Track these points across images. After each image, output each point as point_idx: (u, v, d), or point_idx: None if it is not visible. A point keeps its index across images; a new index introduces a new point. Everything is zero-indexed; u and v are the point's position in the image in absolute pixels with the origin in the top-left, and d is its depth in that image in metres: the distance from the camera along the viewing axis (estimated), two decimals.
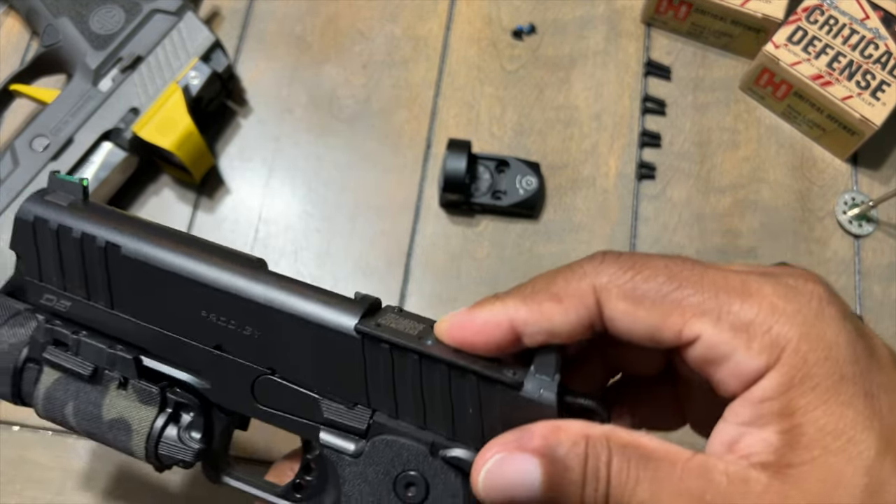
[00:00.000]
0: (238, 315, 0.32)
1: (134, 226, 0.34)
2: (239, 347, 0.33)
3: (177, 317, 0.34)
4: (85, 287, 0.34)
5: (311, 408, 0.32)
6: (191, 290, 0.33)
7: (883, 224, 0.61)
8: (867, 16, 0.62)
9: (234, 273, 0.32)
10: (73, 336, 0.35)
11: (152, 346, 0.35)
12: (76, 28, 0.59)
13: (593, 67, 0.65)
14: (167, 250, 0.33)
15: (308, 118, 0.63)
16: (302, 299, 0.31)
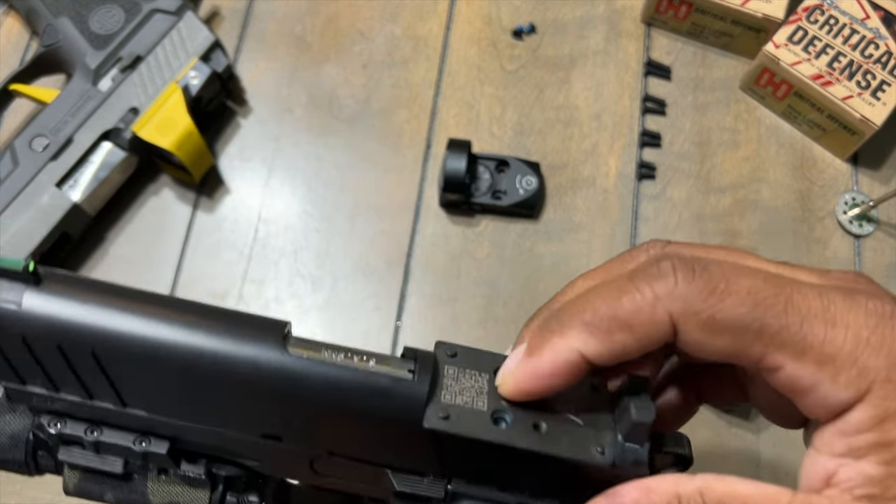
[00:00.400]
0: (275, 412, 0.28)
1: (115, 312, 0.26)
2: (289, 436, 0.28)
3: (205, 413, 0.28)
4: (84, 389, 0.28)
5: (379, 478, 0.29)
6: (210, 392, 0.27)
7: (883, 224, 0.61)
8: (867, 16, 0.62)
9: (255, 369, 0.26)
10: (88, 437, 0.29)
11: (184, 435, 0.29)
12: (76, 28, 0.58)
13: (593, 67, 0.65)
14: (174, 340, 0.26)
15: (308, 118, 0.63)
16: (351, 390, 0.26)
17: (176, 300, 0.27)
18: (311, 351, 0.26)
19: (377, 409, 0.26)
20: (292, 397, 0.26)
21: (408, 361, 0.27)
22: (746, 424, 0.55)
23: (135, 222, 0.59)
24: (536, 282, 0.58)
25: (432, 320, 0.57)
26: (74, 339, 0.26)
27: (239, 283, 0.58)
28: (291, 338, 0.27)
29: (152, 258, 0.58)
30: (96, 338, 0.26)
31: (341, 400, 0.26)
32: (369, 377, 0.26)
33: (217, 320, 0.27)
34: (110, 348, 0.26)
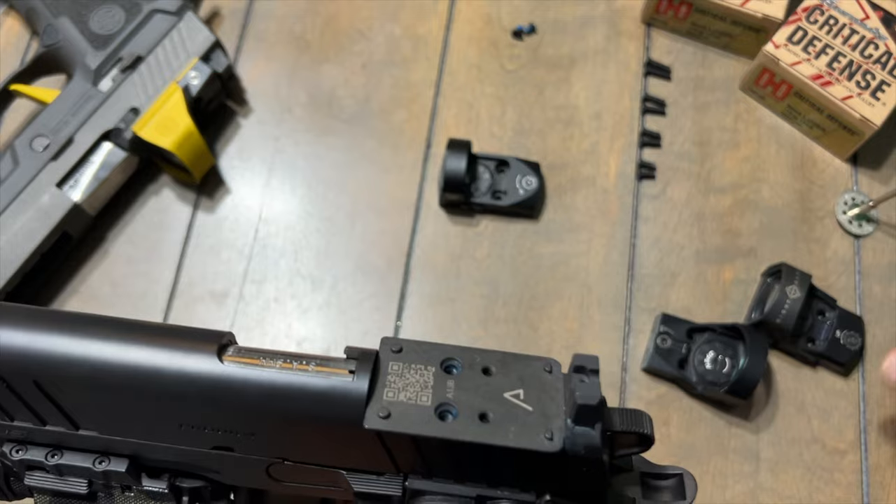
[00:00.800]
0: (220, 424, 0.28)
1: (50, 338, 0.27)
2: (240, 446, 0.29)
3: (155, 430, 0.29)
4: (35, 415, 0.29)
5: (336, 479, 0.29)
6: (153, 408, 0.28)
7: (883, 224, 0.61)
8: (867, 16, 0.62)
9: (193, 382, 0.26)
10: (49, 461, 0.30)
11: (140, 452, 0.30)
12: (76, 28, 0.59)
13: (593, 67, 0.65)
14: (109, 359, 0.27)
15: (308, 118, 0.63)
16: (288, 396, 0.26)
17: (112, 320, 0.28)
18: (246, 359, 0.27)
19: (317, 413, 0.26)
20: (231, 407, 0.27)
21: (349, 362, 0.27)
22: (746, 424, 0.55)
23: (135, 222, 0.59)
24: (536, 282, 0.58)
25: (432, 320, 0.57)
26: (14, 370, 0.26)
27: (239, 282, 0.58)
28: (230, 348, 0.27)
29: (153, 258, 0.58)
30: (34, 366, 0.26)
31: (279, 406, 0.26)
32: (306, 381, 0.26)
33: (152, 337, 0.27)
34: (50, 375, 0.26)
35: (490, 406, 0.27)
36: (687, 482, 0.29)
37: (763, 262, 0.59)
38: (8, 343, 0.26)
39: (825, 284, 0.59)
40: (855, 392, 0.56)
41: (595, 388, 0.26)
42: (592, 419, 0.26)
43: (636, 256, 0.59)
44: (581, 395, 0.26)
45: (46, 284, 0.57)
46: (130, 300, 0.57)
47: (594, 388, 0.26)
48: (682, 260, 0.59)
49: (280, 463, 0.29)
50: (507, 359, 0.28)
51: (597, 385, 0.26)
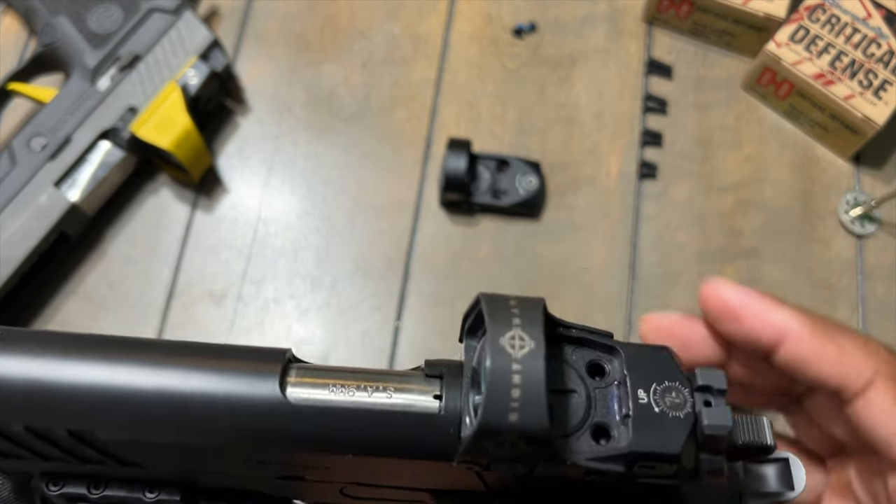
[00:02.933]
0: (287, 463, 0.24)
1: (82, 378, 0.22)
2: (310, 474, 0.25)
3: (214, 464, 0.25)
4: (73, 456, 0.24)
5: (418, 496, 0.26)
6: (208, 451, 0.24)
7: (885, 224, 0.61)
8: (869, 14, 0.62)
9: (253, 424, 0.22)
10: (93, 495, 0.26)
11: (194, 481, 0.26)
12: (74, 27, 0.58)
13: (594, 66, 0.65)
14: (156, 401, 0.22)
15: (307, 117, 0.62)
16: (366, 436, 0.23)
17: (148, 344, 0.24)
18: (314, 389, 0.23)
19: (401, 451, 0.23)
20: (301, 447, 0.23)
21: (432, 383, 0.23)
22: None
23: (133, 222, 0.59)
24: (537, 282, 0.57)
25: (432, 320, 0.57)
26: (42, 419, 0.22)
27: (238, 283, 0.57)
28: (291, 371, 0.23)
29: (151, 258, 0.58)
30: (67, 415, 0.22)
31: (357, 447, 0.23)
32: (387, 415, 0.22)
33: (202, 368, 0.23)
34: (85, 426, 0.22)
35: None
36: (794, 468, 0.26)
37: (765, 262, 0.59)
38: (32, 391, 0.22)
39: (827, 285, 0.59)
40: None
41: (725, 414, 0.22)
42: (719, 448, 0.23)
43: (637, 256, 0.59)
44: (710, 423, 0.22)
45: (44, 285, 0.57)
46: (128, 301, 0.57)
47: (724, 415, 0.22)
48: (683, 260, 0.59)
49: (356, 486, 0.26)
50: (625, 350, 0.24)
51: (726, 410, 0.22)
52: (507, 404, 0.20)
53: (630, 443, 0.22)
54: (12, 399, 0.22)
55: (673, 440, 0.22)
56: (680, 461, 0.22)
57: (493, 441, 0.21)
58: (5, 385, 0.22)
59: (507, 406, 0.20)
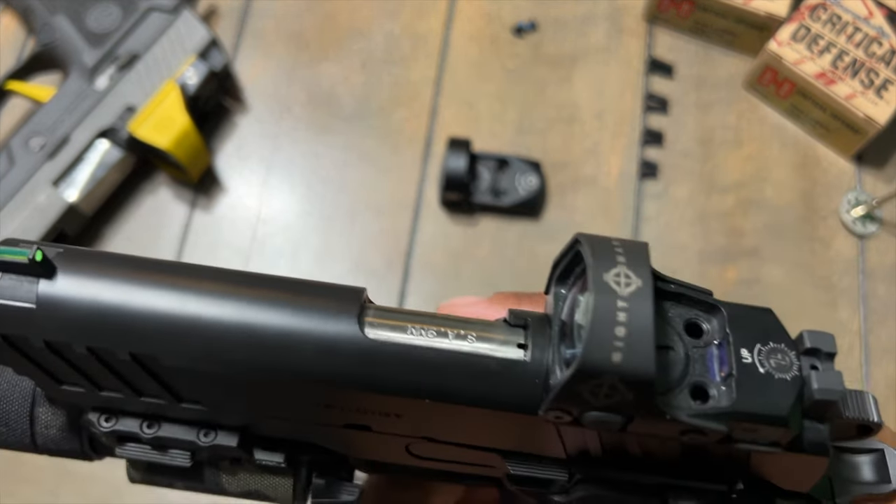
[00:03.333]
0: (360, 406, 0.23)
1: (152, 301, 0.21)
2: (379, 424, 0.24)
3: (277, 407, 0.24)
4: (130, 387, 0.23)
5: (488, 458, 0.25)
6: (280, 389, 0.23)
7: (887, 224, 0.60)
8: (871, 13, 0.62)
9: (331, 361, 0.21)
10: (145, 433, 0.25)
11: (255, 424, 0.25)
12: (72, 26, 0.58)
13: (595, 65, 0.64)
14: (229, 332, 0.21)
15: (307, 116, 0.62)
16: (447, 379, 0.21)
17: (223, 276, 0.22)
18: (393, 327, 0.22)
19: (482, 400, 0.21)
20: (378, 389, 0.22)
21: (516, 332, 0.22)
22: None
23: (132, 221, 0.59)
24: (537, 282, 0.57)
25: None
26: (106, 342, 0.21)
27: None
28: (369, 311, 0.22)
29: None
30: (131, 338, 0.21)
31: (435, 388, 0.21)
32: (469, 359, 0.21)
33: (277, 301, 0.22)
34: (151, 350, 0.21)
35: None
36: (890, 459, 0.24)
37: (766, 262, 0.59)
38: (99, 309, 0.21)
39: (828, 284, 0.58)
40: None
41: (836, 379, 0.21)
42: (825, 416, 0.21)
43: None
44: (820, 387, 0.20)
45: None
46: None
47: (835, 380, 0.21)
48: (684, 260, 0.59)
49: (424, 441, 0.25)
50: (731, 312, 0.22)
51: (837, 375, 0.21)
52: (610, 343, 0.19)
53: (734, 402, 0.20)
54: (76, 318, 0.21)
55: (780, 402, 0.20)
56: (787, 424, 0.20)
57: (592, 385, 0.19)
58: (69, 303, 0.21)
59: (611, 345, 0.19)
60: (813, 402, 0.21)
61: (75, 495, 0.51)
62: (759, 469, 0.22)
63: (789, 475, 0.23)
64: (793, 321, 0.63)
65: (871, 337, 0.57)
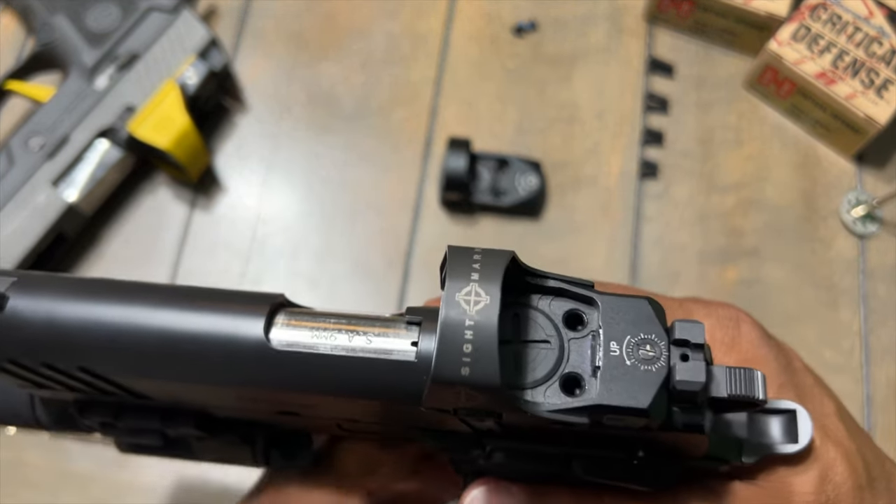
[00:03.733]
0: (277, 402, 0.26)
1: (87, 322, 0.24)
2: (304, 412, 0.27)
3: (213, 400, 0.27)
4: (92, 388, 0.27)
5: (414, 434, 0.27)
6: (206, 391, 0.25)
7: (887, 224, 0.60)
8: (871, 13, 0.61)
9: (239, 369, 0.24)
10: (118, 424, 0.29)
11: (207, 410, 0.28)
12: (72, 25, 0.58)
13: (595, 65, 0.64)
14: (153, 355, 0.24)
15: (307, 116, 0.62)
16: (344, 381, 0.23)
17: (151, 288, 0.25)
18: (298, 333, 0.23)
19: (376, 393, 0.23)
20: (284, 389, 0.24)
21: (412, 329, 0.24)
22: None
23: (131, 222, 0.59)
24: None
25: None
26: (55, 357, 0.24)
27: (237, 283, 0.57)
28: (280, 314, 0.24)
29: (149, 258, 0.58)
30: (76, 354, 0.24)
31: (335, 389, 0.23)
32: (363, 361, 0.23)
33: (197, 312, 0.24)
34: (94, 363, 0.24)
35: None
36: (801, 421, 0.26)
37: (766, 262, 0.59)
38: (43, 331, 0.24)
39: (829, 285, 0.58)
40: (859, 394, 0.56)
41: (699, 370, 0.22)
42: (695, 400, 0.22)
43: (638, 256, 0.59)
44: (681, 378, 0.22)
45: None
46: None
47: (698, 371, 0.22)
48: (684, 260, 0.59)
49: (350, 421, 0.27)
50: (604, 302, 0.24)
51: (702, 366, 0.22)
52: (458, 358, 0.21)
53: (597, 395, 0.21)
54: (27, 341, 0.24)
55: (642, 394, 0.21)
56: (649, 415, 0.21)
57: (449, 392, 0.21)
58: (19, 329, 0.24)
59: (459, 360, 0.21)
60: (677, 392, 0.22)
61: (75, 496, 0.51)
62: (656, 438, 0.23)
63: (680, 446, 0.24)
64: (793, 321, 0.63)
65: (871, 337, 0.57)
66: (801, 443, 0.25)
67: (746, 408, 0.24)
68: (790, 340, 0.30)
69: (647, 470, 0.25)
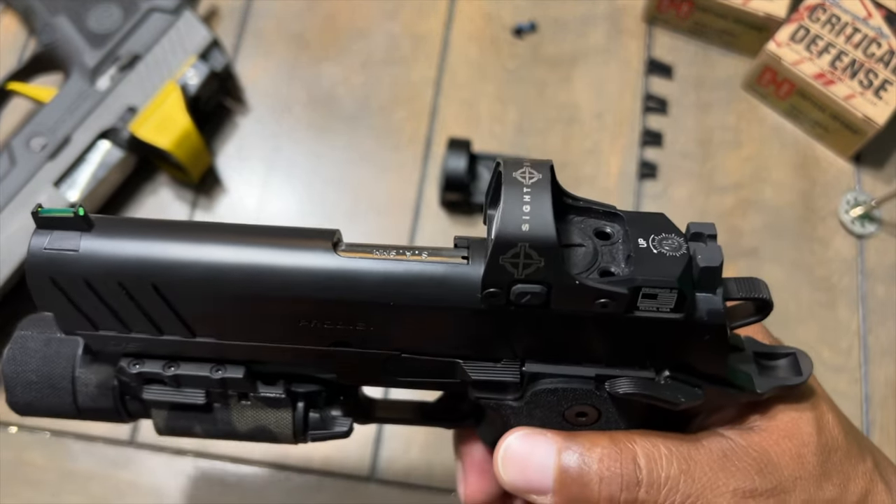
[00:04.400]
0: (339, 317, 0.28)
1: (168, 243, 0.27)
2: (357, 340, 0.29)
3: (272, 330, 0.29)
4: (153, 325, 0.29)
5: (453, 370, 0.29)
6: (273, 306, 0.27)
7: (886, 224, 0.61)
8: (870, 14, 0.62)
9: (312, 276, 0.27)
10: (166, 372, 0.30)
11: (256, 357, 0.30)
12: (74, 26, 0.58)
13: (595, 66, 0.64)
14: (228, 260, 0.27)
15: (307, 117, 0.62)
16: (404, 283, 0.26)
17: (223, 225, 0.28)
18: (361, 252, 0.27)
19: (434, 298, 0.26)
20: (350, 297, 0.27)
21: (462, 251, 0.27)
22: None
23: None
24: None
25: None
26: (133, 274, 0.27)
27: None
28: (342, 243, 0.27)
29: None
30: (153, 270, 0.27)
31: (396, 293, 0.26)
32: (422, 268, 0.26)
33: (266, 236, 0.27)
34: (168, 278, 0.27)
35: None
36: (801, 360, 0.29)
37: (765, 262, 0.59)
38: (128, 250, 0.27)
39: (828, 285, 0.59)
40: (858, 393, 0.56)
41: (717, 251, 0.25)
42: (714, 283, 0.26)
43: None
44: (703, 257, 0.25)
45: None
46: None
47: (716, 251, 0.25)
48: None
49: (397, 356, 0.29)
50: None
51: (718, 249, 0.25)
52: (519, 218, 0.24)
53: (632, 272, 0.25)
54: (109, 259, 0.27)
55: (670, 271, 0.25)
56: (679, 290, 0.25)
57: (510, 255, 0.25)
58: (103, 248, 0.27)
59: (520, 220, 0.24)
60: (700, 270, 0.25)
61: (77, 495, 0.52)
62: (682, 358, 0.27)
63: (703, 359, 0.27)
64: (792, 321, 0.63)
65: (870, 337, 0.57)
66: (804, 375, 0.29)
67: (754, 313, 0.27)
68: (789, 340, 0.30)
69: (675, 389, 0.27)
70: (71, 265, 0.27)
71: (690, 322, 0.26)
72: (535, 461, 0.28)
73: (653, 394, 0.27)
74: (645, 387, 0.27)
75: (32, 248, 0.27)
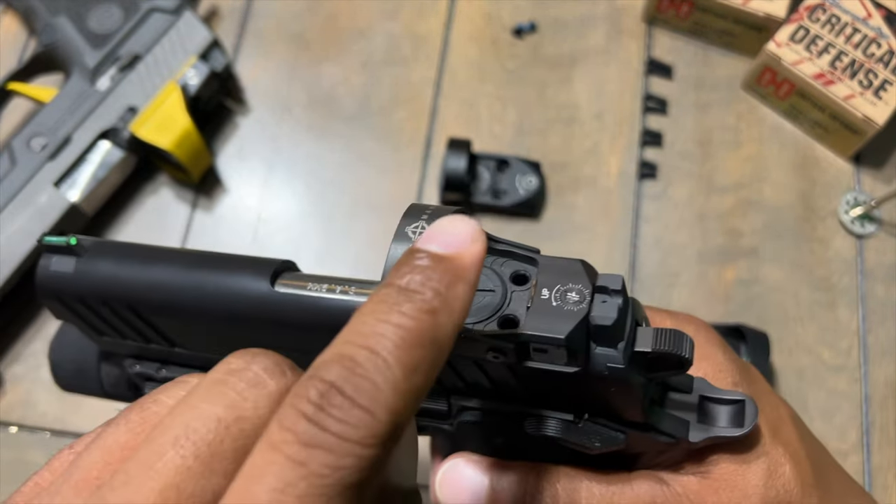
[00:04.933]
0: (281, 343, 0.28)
1: (138, 270, 0.31)
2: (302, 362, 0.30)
3: (231, 348, 0.30)
4: (138, 334, 0.33)
5: None
6: (223, 327, 0.30)
7: (886, 224, 0.61)
8: (869, 14, 0.62)
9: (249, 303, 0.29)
10: (159, 375, 0.34)
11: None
12: (74, 27, 0.58)
13: (594, 66, 0.64)
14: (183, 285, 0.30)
15: (307, 117, 0.62)
16: (327, 318, 0.28)
17: (188, 253, 0.31)
18: (297, 284, 0.30)
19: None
20: (281, 326, 0.29)
21: None
22: None
23: (133, 222, 0.59)
24: None
25: None
26: (111, 295, 0.31)
27: None
28: (286, 274, 0.30)
29: None
30: (126, 292, 0.31)
31: (319, 326, 0.28)
32: (343, 304, 0.29)
33: (218, 265, 0.30)
34: (138, 298, 0.31)
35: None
36: (748, 409, 0.28)
37: (765, 262, 0.59)
38: (107, 273, 0.31)
39: (827, 285, 0.59)
40: (857, 393, 0.56)
41: (613, 307, 0.25)
42: (613, 339, 0.25)
43: (637, 257, 0.59)
44: (597, 315, 0.25)
45: None
46: None
47: (612, 308, 0.25)
48: (683, 260, 0.59)
49: None
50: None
51: (616, 305, 0.25)
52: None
53: (522, 325, 0.25)
54: (95, 282, 0.31)
55: (561, 328, 0.25)
56: (566, 346, 0.24)
57: None
58: (90, 273, 0.31)
59: None
60: (595, 328, 0.25)
61: None
62: (598, 403, 0.27)
63: (617, 403, 0.27)
64: (791, 321, 0.63)
65: (870, 337, 0.57)
66: (745, 427, 0.27)
67: (674, 367, 0.26)
68: (789, 340, 0.30)
69: (592, 433, 0.27)
70: (67, 285, 0.31)
71: (591, 374, 0.25)
72: (468, 488, 0.29)
73: (565, 437, 0.27)
74: (557, 429, 0.27)
75: (39, 270, 0.32)
